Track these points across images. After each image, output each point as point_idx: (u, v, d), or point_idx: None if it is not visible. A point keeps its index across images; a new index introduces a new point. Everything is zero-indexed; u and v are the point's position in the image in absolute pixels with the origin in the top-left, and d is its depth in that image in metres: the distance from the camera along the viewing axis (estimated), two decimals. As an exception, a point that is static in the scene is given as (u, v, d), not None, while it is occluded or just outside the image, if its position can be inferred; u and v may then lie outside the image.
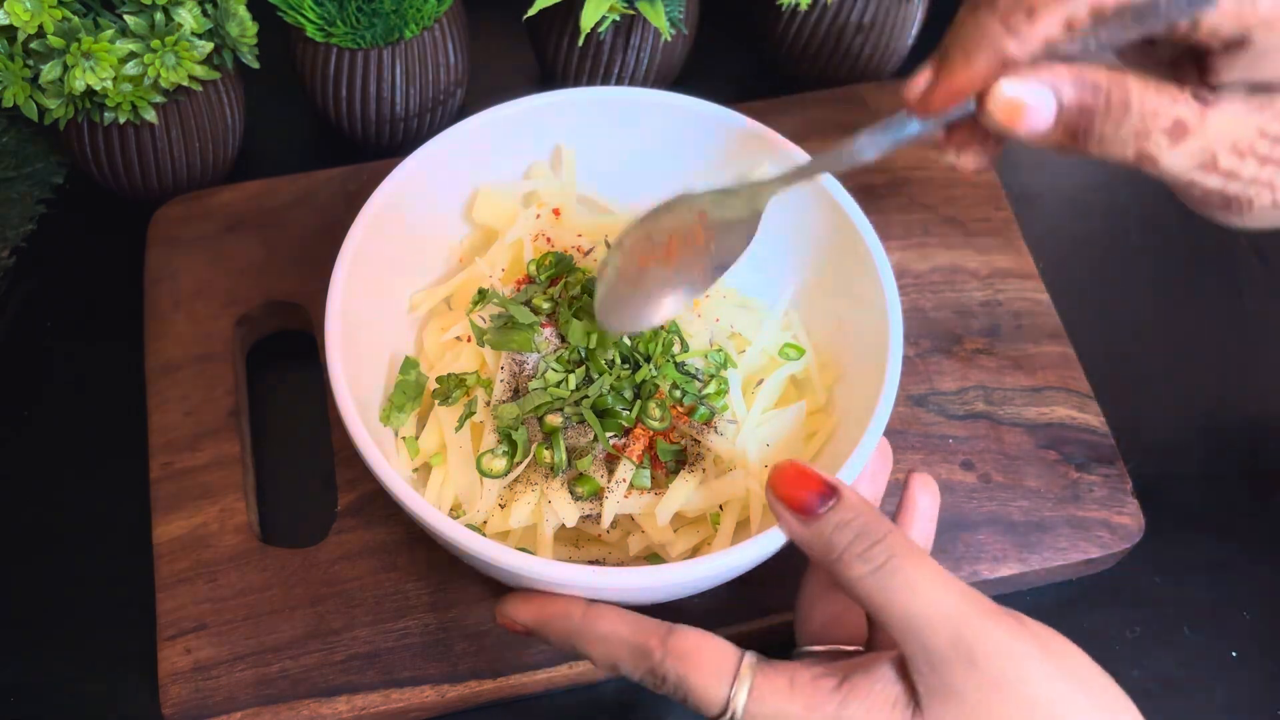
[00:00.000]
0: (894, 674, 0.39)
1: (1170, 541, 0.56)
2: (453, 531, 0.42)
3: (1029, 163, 0.69)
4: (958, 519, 0.54)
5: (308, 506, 0.54)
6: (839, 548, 0.39)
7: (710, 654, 0.41)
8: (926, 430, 0.56)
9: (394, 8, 0.58)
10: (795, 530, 0.41)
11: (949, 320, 0.59)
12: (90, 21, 0.54)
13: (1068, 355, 0.59)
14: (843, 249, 0.51)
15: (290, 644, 0.49)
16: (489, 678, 0.49)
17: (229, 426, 0.54)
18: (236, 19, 0.57)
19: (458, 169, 0.53)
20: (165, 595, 0.50)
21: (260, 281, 0.58)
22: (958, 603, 0.38)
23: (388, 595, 0.51)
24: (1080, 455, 0.56)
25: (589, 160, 0.56)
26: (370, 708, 0.48)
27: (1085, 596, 0.55)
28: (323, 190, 0.61)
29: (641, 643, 0.42)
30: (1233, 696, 0.53)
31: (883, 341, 0.47)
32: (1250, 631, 0.54)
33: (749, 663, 0.41)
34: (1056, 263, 0.64)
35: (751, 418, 0.50)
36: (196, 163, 0.61)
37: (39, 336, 0.60)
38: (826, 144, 0.63)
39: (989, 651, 0.38)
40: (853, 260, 0.50)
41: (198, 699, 0.48)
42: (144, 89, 0.55)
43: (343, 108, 0.62)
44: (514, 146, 0.54)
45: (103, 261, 0.62)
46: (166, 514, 0.52)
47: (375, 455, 0.43)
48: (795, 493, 0.40)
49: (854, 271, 0.50)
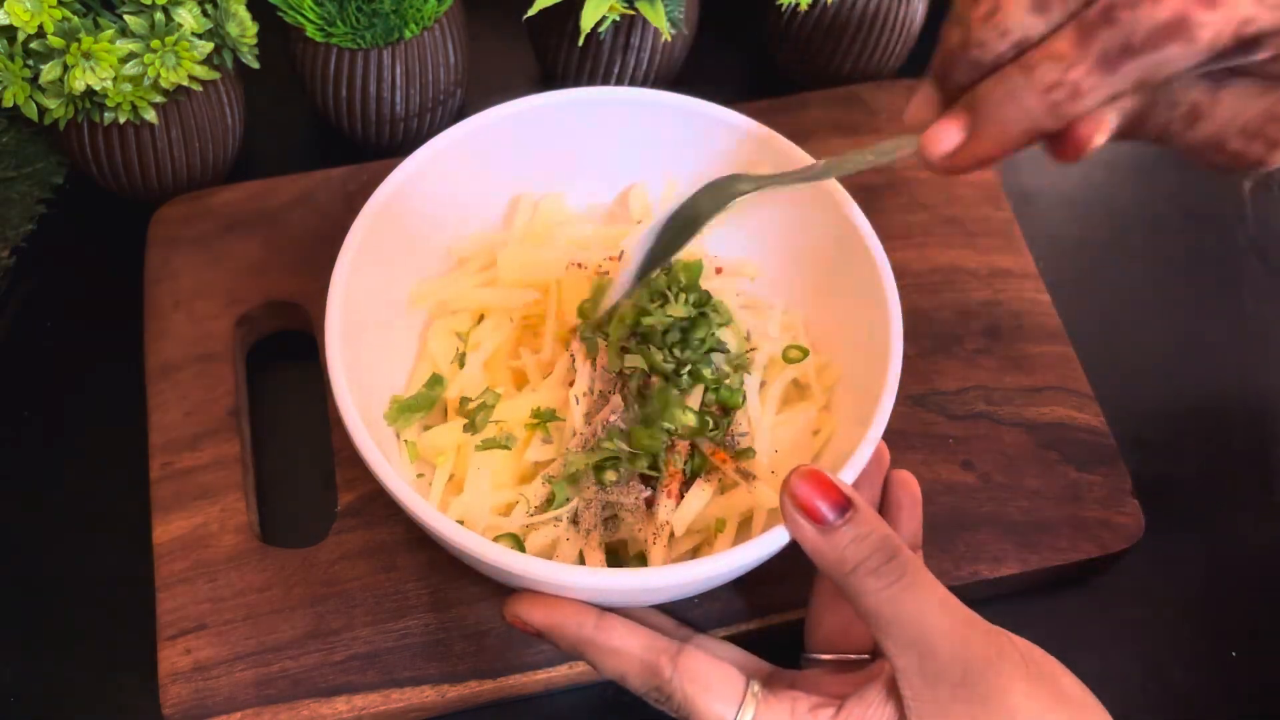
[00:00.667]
0: (883, 696, 0.41)
1: (1170, 541, 0.56)
2: (452, 532, 0.42)
3: (1029, 163, 0.69)
4: (958, 519, 0.54)
5: (308, 506, 0.54)
6: (853, 561, 0.40)
7: (719, 678, 0.42)
8: (926, 430, 0.56)
9: (394, 8, 0.58)
10: (809, 539, 0.41)
11: (949, 320, 0.59)
12: (90, 21, 0.54)
13: (1068, 355, 0.59)
14: (843, 249, 0.51)
15: (290, 644, 0.49)
16: (489, 678, 0.49)
17: (229, 426, 0.54)
18: (236, 19, 0.57)
19: (458, 169, 0.53)
20: (165, 595, 0.50)
21: (260, 281, 0.58)
22: (959, 623, 0.40)
23: (388, 595, 0.50)
24: (1080, 455, 0.56)
25: (589, 160, 0.56)
26: (370, 708, 0.48)
27: (1085, 596, 0.55)
28: (323, 190, 0.61)
29: (652, 660, 0.43)
30: (1233, 696, 0.53)
31: (883, 341, 0.47)
32: (1250, 632, 0.54)
33: (754, 690, 0.42)
34: (1056, 263, 0.64)
35: (764, 422, 0.50)
36: (196, 163, 0.61)
37: (39, 336, 0.60)
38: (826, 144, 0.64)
39: (980, 669, 0.39)
40: (853, 260, 0.50)
41: (198, 699, 0.48)
42: (144, 89, 0.55)
43: (343, 108, 0.62)
44: (514, 147, 0.54)
45: (103, 261, 0.62)
46: (166, 514, 0.52)
47: (375, 456, 0.44)
48: (812, 501, 0.41)
49: (854, 272, 0.50)
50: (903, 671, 0.39)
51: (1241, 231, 0.67)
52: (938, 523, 0.53)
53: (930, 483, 0.54)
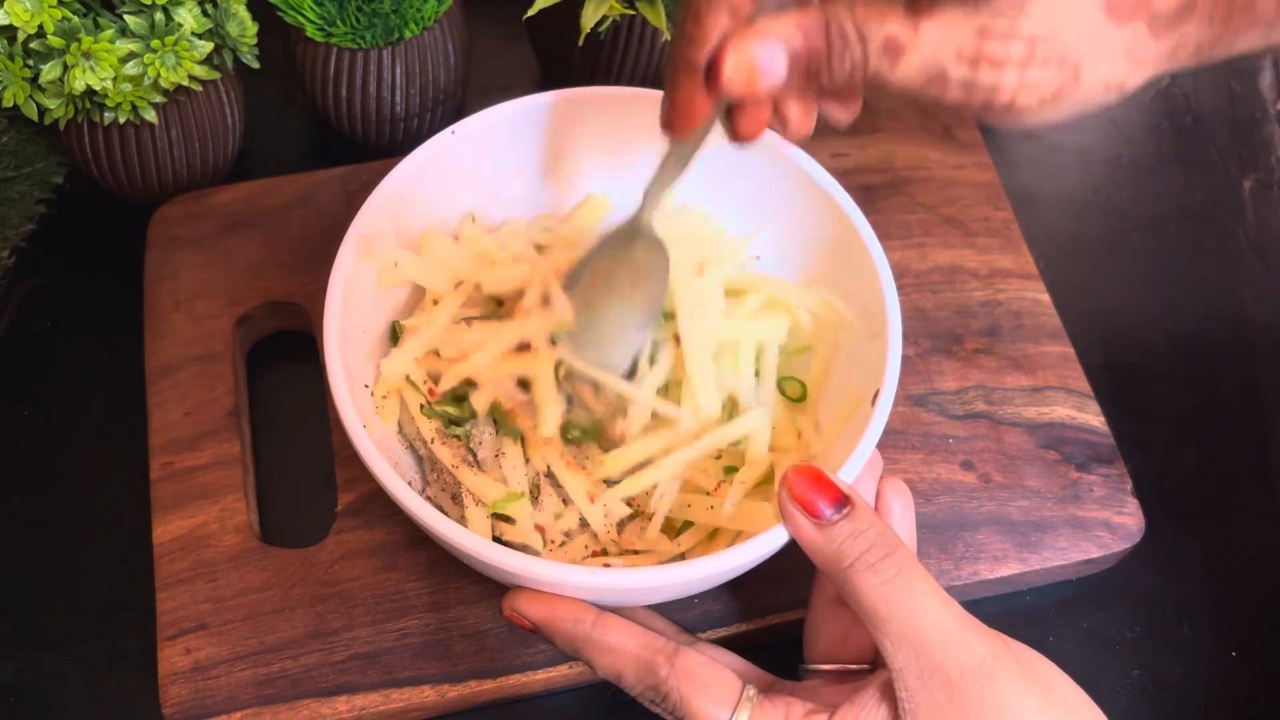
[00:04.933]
0: (878, 699, 0.41)
1: (1170, 541, 0.56)
2: (452, 532, 0.42)
3: (1029, 163, 0.69)
4: (958, 519, 0.54)
5: (308, 506, 0.54)
6: (850, 556, 0.40)
7: (716, 679, 0.42)
8: (926, 430, 0.56)
9: (394, 8, 0.58)
10: (806, 534, 0.41)
11: (949, 320, 0.59)
12: (90, 21, 0.54)
13: (1068, 355, 0.59)
14: (842, 249, 0.51)
15: (290, 644, 0.49)
16: (489, 678, 0.49)
17: (229, 426, 0.54)
18: (236, 19, 0.57)
19: (458, 168, 0.53)
20: (165, 595, 0.50)
21: (260, 281, 0.58)
22: (955, 623, 0.40)
23: (387, 595, 0.51)
24: (1080, 455, 0.56)
25: (589, 160, 0.56)
26: (370, 708, 0.48)
27: (1085, 596, 0.55)
28: (323, 190, 0.61)
29: (649, 659, 0.42)
30: (1233, 696, 0.53)
31: (883, 341, 0.47)
32: (1250, 631, 0.54)
33: (749, 695, 0.42)
34: (1056, 263, 0.64)
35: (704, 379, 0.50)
36: (196, 163, 0.61)
37: (39, 336, 0.60)
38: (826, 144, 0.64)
39: (974, 668, 0.39)
40: (852, 260, 0.50)
41: (198, 699, 0.48)
42: (144, 89, 0.55)
43: (343, 108, 0.62)
44: (514, 146, 0.54)
45: (103, 261, 0.62)
46: (166, 514, 0.52)
47: (375, 456, 0.44)
48: (810, 497, 0.41)
49: (854, 271, 0.50)
50: (899, 672, 0.40)
51: (1241, 231, 0.67)
52: (937, 523, 0.53)
53: (930, 483, 0.54)
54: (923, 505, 0.53)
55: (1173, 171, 0.69)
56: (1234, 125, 0.71)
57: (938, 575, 0.52)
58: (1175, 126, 0.71)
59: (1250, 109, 0.72)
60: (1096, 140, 0.71)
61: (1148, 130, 0.71)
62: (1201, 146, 0.70)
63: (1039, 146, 0.70)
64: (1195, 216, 0.68)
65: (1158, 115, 0.72)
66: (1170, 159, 0.70)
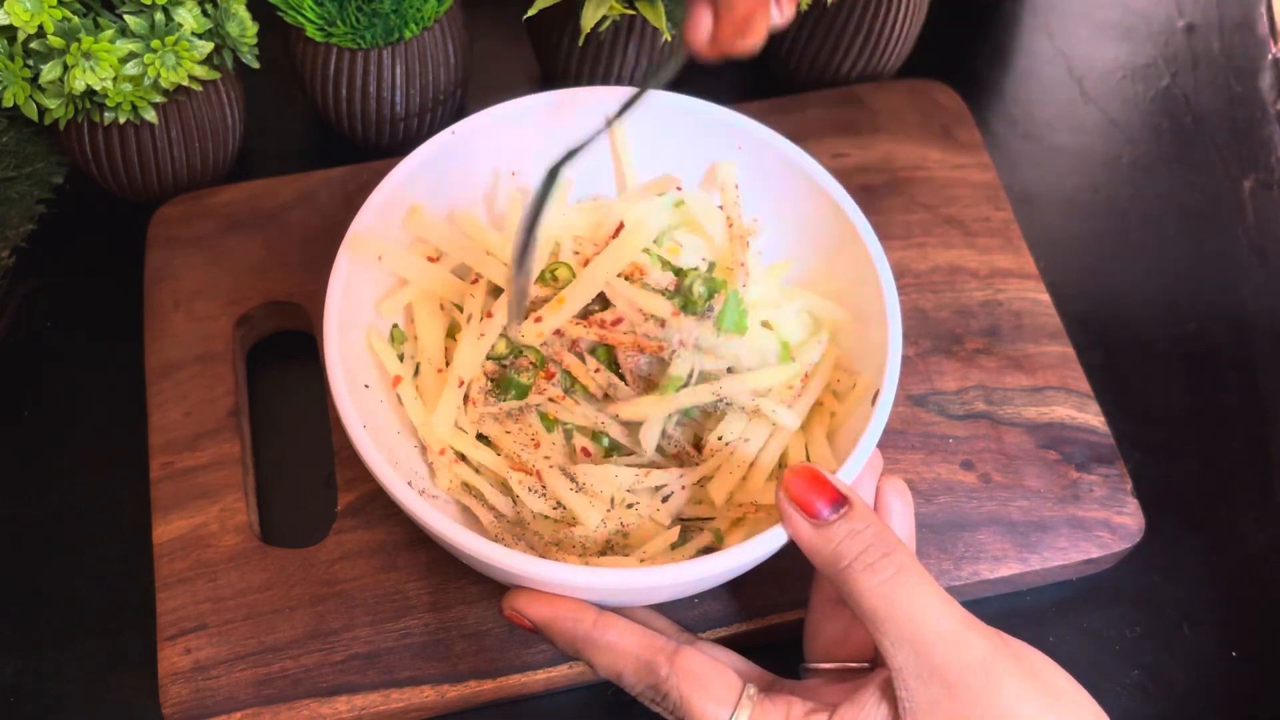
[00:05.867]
0: (877, 698, 0.41)
1: (1170, 541, 0.56)
2: (453, 532, 0.42)
3: (1029, 163, 0.69)
4: (958, 519, 0.54)
5: (308, 506, 0.54)
6: (848, 556, 0.40)
7: (716, 678, 0.42)
8: (926, 430, 0.56)
9: (394, 8, 0.58)
10: (804, 534, 0.41)
11: (949, 320, 0.59)
12: (90, 21, 0.54)
13: (1068, 355, 0.59)
14: (842, 249, 0.51)
15: (290, 644, 0.49)
16: (489, 678, 0.49)
17: (229, 426, 0.54)
18: (236, 19, 0.57)
19: (458, 168, 0.53)
20: (165, 595, 0.50)
21: (260, 281, 0.58)
22: (954, 622, 0.40)
23: (387, 595, 0.51)
24: (1080, 455, 0.56)
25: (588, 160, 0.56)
26: (370, 708, 0.48)
27: (1085, 596, 0.55)
28: (323, 190, 0.61)
29: (650, 659, 0.42)
30: (1233, 696, 0.53)
31: (882, 341, 0.47)
32: (1250, 631, 0.54)
33: (750, 694, 0.42)
34: (1056, 263, 0.64)
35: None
36: (196, 163, 0.61)
37: (39, 336, 0.60)
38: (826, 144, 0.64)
39: (973, 667, 0.39)
40: (852, 260, 0.50)
41: (198, 699, 0.48)
42: (144, 89, 0.55)
43: (343, 108, 0.62)
44: (514, 146, 0.54)
45: (103, 261, 0.62)
46: (166, 514, 0.52)
47: (375, 456, 0.44)
48: (808, 497, 0.41)
49: (854, 272, 0.50)
50: (898, 671, 0.39)
51: (1241, 231, 0.67)
52: (937, 523, 0.53)
53: (930, 483, 0.54)
54: (923, 505, 0.53)
55: (1173, 171, 0.69)
56: (1234, 125, 0.71)
57: (938, 575, 0.52)
58: (1175, 126, 0.71)
59: (1250, 109, 0.72)
60: (1096, 140, 0.71)
61: (1148, 130, 0.71)
62: (1201, 146, 0.70)
63: (1039, 146, 0.70)
64: (1195, 216, 0.68)
65: (1158, 115, 0.72)
66: (1170, 159, 0.70)
